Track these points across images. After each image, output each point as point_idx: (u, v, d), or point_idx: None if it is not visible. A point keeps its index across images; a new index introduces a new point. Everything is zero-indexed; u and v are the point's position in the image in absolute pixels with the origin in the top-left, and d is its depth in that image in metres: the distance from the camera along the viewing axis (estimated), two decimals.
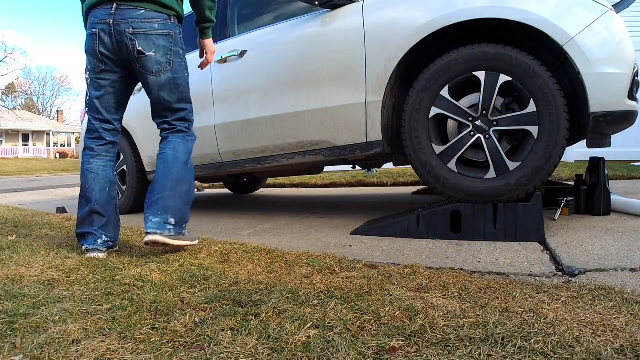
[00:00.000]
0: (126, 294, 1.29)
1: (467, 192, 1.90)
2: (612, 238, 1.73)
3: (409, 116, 1.99)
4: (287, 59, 2.39)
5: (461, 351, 0.85)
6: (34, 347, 0.94)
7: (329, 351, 0.88)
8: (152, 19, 1.74)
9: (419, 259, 1.61)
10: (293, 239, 2.15)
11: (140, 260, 1.73)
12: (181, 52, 1.85)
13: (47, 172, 19.25)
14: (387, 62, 2.03)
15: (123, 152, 3.43)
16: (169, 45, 1.78)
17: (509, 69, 1.81)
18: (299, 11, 2.44)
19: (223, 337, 0.96)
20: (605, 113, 1.75)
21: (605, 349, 0.83)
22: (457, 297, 1.16)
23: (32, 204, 4.87)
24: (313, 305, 1.14)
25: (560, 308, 1.04)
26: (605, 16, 1.77)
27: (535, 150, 1.81)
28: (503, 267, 1.46)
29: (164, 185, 1.76)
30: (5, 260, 1.74)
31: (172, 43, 1.79)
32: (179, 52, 1.83)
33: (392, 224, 2.06)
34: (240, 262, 1.67)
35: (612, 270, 1.35)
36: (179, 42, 1.83)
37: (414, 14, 1.97)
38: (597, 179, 2.26)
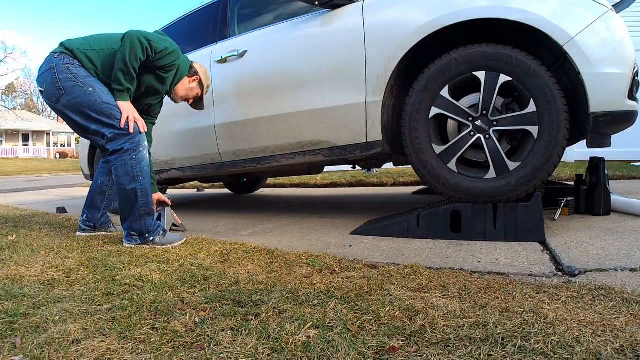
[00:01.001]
0: (126, 294, 1.29)
1: (467, 192, 1.90)
2: (612, 238, 1.73)
3: (409, 116, 1.99)
4: (287, 59, 2.39)
5: (461, 351, 0.85)
6: (34, 347, 0.94)
7: (329, 351, 0.88)
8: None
9: (419, 259, 1.61)
10: (293, 239, 2.15)
11: (140, 260, 1.74)
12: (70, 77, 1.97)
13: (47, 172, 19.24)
14: (387, 62, 2.03)
15: None
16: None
17: (509, 69, 1.81)
18: (299, 11, 2.44)
19: (223, 337, 0.96)
20: (605, 113, 1.75)
21: (605, 349, 0.83)
22: (457, 297, 1.16)
23: (32, 204, 4.87)
24: (313, 305, 1.14)
25: (560, 308, 1.04)
26: (605, 16, 1.77)
27: (535, 150, 1.81)
28: (503, 267, 1.46)
29: (120, 207, 2.04)
30: (5, 260, 1.74)
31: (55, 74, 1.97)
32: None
33: (392, 224, 2.06)
34: (240, 262, 1.67)
35: (612, 270, 1.35)
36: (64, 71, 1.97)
37: (414, 14, 1.97)
38: (597, 179, 2.26)
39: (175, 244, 2.02)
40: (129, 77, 1.97)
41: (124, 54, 1.92)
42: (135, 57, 1.93)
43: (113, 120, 1.95)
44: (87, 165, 3.88)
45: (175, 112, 2.96)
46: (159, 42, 2.01)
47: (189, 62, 2.30)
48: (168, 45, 2.05)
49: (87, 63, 2.01)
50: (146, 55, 1.97)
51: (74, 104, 1.96)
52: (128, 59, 1.92)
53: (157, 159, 3.13)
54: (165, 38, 2.11)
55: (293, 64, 2.36)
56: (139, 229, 2.01)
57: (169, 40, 2.12)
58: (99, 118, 1.95)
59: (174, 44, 2.11)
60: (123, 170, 1.97)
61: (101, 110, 1.95)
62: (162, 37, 2.10)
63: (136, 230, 2.01)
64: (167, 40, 2.10)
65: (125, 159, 1.97)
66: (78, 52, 2.01)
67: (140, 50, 1.93)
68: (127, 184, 1.98)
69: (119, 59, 1.93)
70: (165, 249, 1.94)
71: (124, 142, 1.96)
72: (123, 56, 1.92)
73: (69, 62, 1.98)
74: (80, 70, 1.99)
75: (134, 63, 1.94)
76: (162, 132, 3.04)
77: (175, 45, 2.12)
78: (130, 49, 1.91)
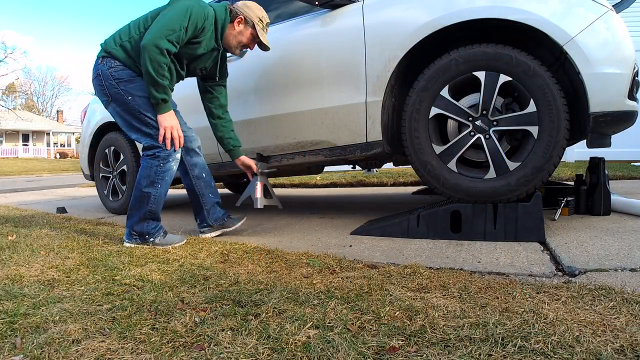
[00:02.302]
0: (126, 294, 1.29)
1: (467, 192, 1.90)
2: (612, 238, 1.73)
3: (409, 116, 1.99)
4: (287, 59, 2.39)
5: (461, 351, 0.85)
6: (34, 347, 0.94)
7: (329, 351, 0.88)
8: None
9: (419, 259, 1.61)
10: (293, 239, 2.15)
11: (140, 260, 1.74)
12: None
13: (47, 172, 19.25)
14: (387, 62, 2.03)
15: (123, 152, 3.43)
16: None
17: (509, 69, 1.81)
18: (299, 11, 2.44)
19: (223, 337, 0.96)
20: (605, 113, 1.75)
21: (605, 349, 0.83)
22: (457, 297, 1.16)
23: (32, 204, 4.87)
24: (313, 305, 1.14)
25: (560, 308, 1.04)
26: (605, 16, 1.77)
27: (535, 150, 1.81)
28: (503, 267, 1.46)
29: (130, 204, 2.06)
30: (5, 260, 1.74)
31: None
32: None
33: (392, 224, 2.06)
34: (240, 262, 1.67)
35: (612, 270, 1.35)
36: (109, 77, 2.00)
37: (414, 14, 1.97)
38: (597, 179, 2.26)
39: (176, 245, 2.02)
40: (160, 87, 1.90)
41: (146, 68, 1.85)
42: (159, 65, 1.86)
43: (150, 129, 1.98)
44: (87, 165, 3.88)
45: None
46: (175, 26, 1.86)
47: (224, 8, 2.07)
48: (184, 15, 1.88)
49: (126, 59, 1.99)
50: (171, 53, 1.89)
51: (118, 111, 2.03)
52: (153, 73, 1.85)
53: None
54: (177, 5, 1.92)
55: (293, 64, 2.36)
56: (140, 230, 2.02)
57: (183, 2, 1.91)
58: (139, 127, 2.00)
59: (189, 5, 1.90)
60: (146, 172, 1.99)
61: (140, 120, 1.99)
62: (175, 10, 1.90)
63: (137, 230, 2.02)
64: (180, 5, 1.90)
65: (152, 164, 1.99)
66: (115, 50, 2.00)
67: (161, 55, 1.85)
68: (144, 186, 2.00)
69: (144, 73, 1.87)
70: (165, 249, 1.94)
71: (158, 150, 1.99)
72: (146, 70, 1.85)
73: (111, 66, 1.99)
74: (122, 73, 1.99)
75: (161, 71, 1.87)
76: None
77: (191, 4, 1.91)
78: (150, 62, 1.84)
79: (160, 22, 1.88)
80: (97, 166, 3.73)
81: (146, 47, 1.84)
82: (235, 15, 2.08)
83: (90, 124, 3.80)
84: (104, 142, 3.62)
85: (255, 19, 2.09)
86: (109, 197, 3.64)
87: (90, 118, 3.84)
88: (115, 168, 3.53)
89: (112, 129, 3.58)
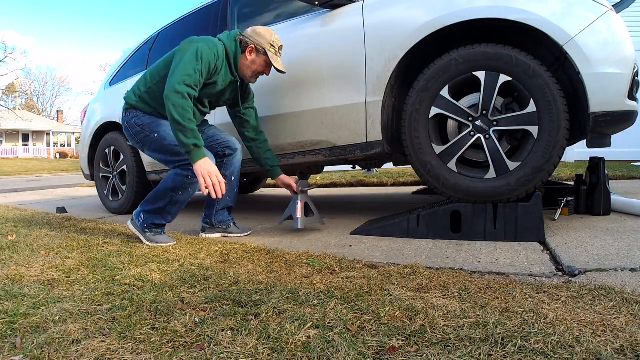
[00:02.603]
0: (126, 294, 1.29)
1: (467, 192, 1.90)
2: (612, 238, 1.73)
3: (409, 116, 1.99)
4: (287, 59, 2.38)
5: (461, 351, 0.85)
6: (34, 347, 0.94)
7: (329, 351, 0.88)
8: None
9: (419, 259, 1.61)
10: (293, 239, 2.15)
11: (140, 260, 1.74)
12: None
13: (47, 172, 19.24)
14: (387, 62, 2.03)
15: (123, 152, 3.43)
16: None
17: (509, 69, 1.81)
18: (299, 11, 2.44)
19: (223, 337, 0.96)
20: (605, 113, 1.75)
21: (605, 349, 0.83)
22: (457, 297, 1.16)
23: (32, 204, 4.87)
24: (313, 305, 1.14)
25: (560, 308, 1.04)
26: (605, 16, 1.77)
27: (535, 150, 1.81)
28: (503, 267, 1.46)
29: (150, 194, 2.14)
30: (5, 260, 1.74)
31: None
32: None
33: (392, 224, 2.06)
34: (240, 262, 1.67)
35: (612, 270, 1.35)
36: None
37: (414, 14, 1.97)
38: (597, 179, 2.26)
39: (162, 245, 2.04)
40: (189, 132, 1.85)
41: (172, 116, 1.84)
42: (184, 109, 1.85)
43: (178, 156, 2.04)
44: (87, 165, 3.88)
45: None
46: (190, 71, 1.87)
47: (233, 40, 2.06)
48: (196, 60, 1.89)
49: (146, 108, 2.12)
50: (193, 97, 1.90)
51: (152, 152, 2.16)
52: (179, 118, 1.83)
53: None
54: (187, 50, 1.91)
55: (293, 64, 2.36)
56: (147, 219, 2.09)
57: (192, 46, 1.92)
58: (172, 159, 2.07)
59: (198, 48, 1.90)
60: (173, 179, 2.07)
61: (170, 152, 2.06)
62: (186, 55, 1.90)
63: (144, 217, 2.09)
64: (190, 50, 1.90)
65: (183, 174, 2.04)
66: (135, 102, 2.13)
67: (183, 100, 1.86)
68: (168, 188, 2.07)
69: (171, 122, 1.86)
70: (166, 249, 1.94)
71: (188, 173, 2.02)
72: (172, 118, 1.84)
73: (134, 116, 2.13)
74: (145, 119, 2.11)
75: (187, 115, 1.85)
76: None
77: (200, 47, 1.91)
78: (174, 108, 1.84)
79: (175, 71, 1.90)
80: (97, 166, 3.73)
81: (168, 96, 1.86)
82: (246, 45, 2.07)
83: (90, 124, 3.80)
84: (104, 142, 3.62)
85: (266, 45, 2.05)
86: (109, 197, 3.64)
87: (90, 118, 3.84)
88: (115, 168, 3.53)
89: (112, 129, 3.58)
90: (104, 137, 3.63)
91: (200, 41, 1.96)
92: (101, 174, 3.71)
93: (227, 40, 2.05)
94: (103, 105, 3.75)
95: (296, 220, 2.22)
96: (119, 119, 3.42)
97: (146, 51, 3.53)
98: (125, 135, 2.23)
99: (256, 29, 2.09)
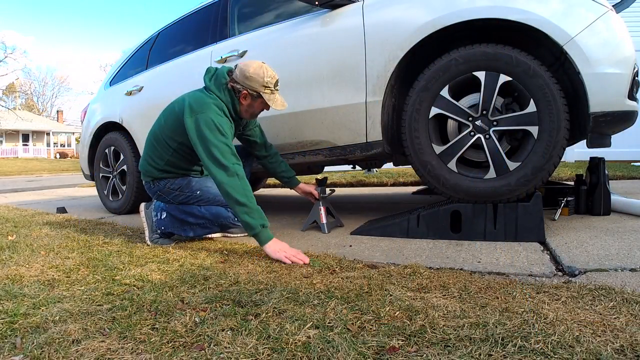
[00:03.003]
0: (126, 294, 1.29)
1: (467, 192, 1.90)
2: (612, 238, 1.73)
3: (409, 116, 1.99)
4: (287, 59, 2.39)
5: (461, 351, 0.85)
6: (34, 347, 0.94)
7: (329, 351, 0.88)
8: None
9: (419, 259, 1.61)
10: (293, 239, 2.15)
11: (140, 260, 1.74)
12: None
13: (47, 172, 19.24)
14: (387, 62, 2.03)
15: (123, 152, 3.43)
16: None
17: (509, 68, 1.81)
18: (299, 11, 2.44)
19: (223, 337, 0.96)
20: (605, 113, 1.75)
21: (605, 349, 0.83)
22: (457, 297, 1.16)
23: (32, 204, 4.87)
24: (313, 305, 1.14)
25: (560, 308, 1.04)
26: (605, 16, 1.77)
27: (535, 150, 1.81)
28: (503, 267, 1.46)
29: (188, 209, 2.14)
30: (5, 260, 1.74)
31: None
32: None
33: (392, 224, 2.06)
34: (240, 262, 1.67)
35: (612, 270, 1.35)
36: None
37: (414, 14, 1.97)
38: (597, 179, 2.26)
39: (163, 245, 2.04)
40: (255, 212, 1.74)
41: (234, 199, 1.74)
42: (243, 189, 1.76)
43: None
44: (87, 165, 3.88)
45: None
46: (226, 147, 1.81)
47: (225, 89, 1.94)
48: (222, 133, 1.83)
49: (174, 174, 2.11)
50: (234, 162, 1.80)
51: (198, 206, 2.14)
52: (244, 200, 1.73)
53: None
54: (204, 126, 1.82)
55: (293, 64, 2.36)
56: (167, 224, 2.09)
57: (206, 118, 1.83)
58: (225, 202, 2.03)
59: (212, 119, 1.82)
60: (217, 216, 2.12)
61: (219, 201, 2.11)
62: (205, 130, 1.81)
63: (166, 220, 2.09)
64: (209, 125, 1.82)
65: (229, 219, 2.13)
66: (159, 174, 2.11)
67: (239, 181, 1.77)
68: (209, 218, 2.11)
69: (232, 205, 1.76)
70: (165, 249, 1.94)
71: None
72: (235, 201, 1.74)
73: (167, 182, 2.12)
74: (178, 181, 2.11)
75: (249, 194, 1.77)
76: None
77: (211, 117, 1.83)
78: (234, 192, 1.75)
79: (211, 156, 1.79)
80: (97, 166, 3.73)
81: (222, 182, 1.76)
82: (239, 92, 1.93)
83: (90, 124, 3.80)
84: (104, 142, 3.62)
85: (260, 88, 1.91)
86: (109, 197, 3.64)
87: (90, 118, 3.84)
88: (115, 168, 3.53)
89: (112, 129, 3.58)
90: (104, 137, 3.63)
91: (205, 110, 1.84)
92: (101, 174, 3.71)
93: (220, 93, 1.94)
94: (103, 105, 3.75)
95: (322, 225, 2.27)
96: (118, 119, 3.43)
97: (146, 51, 3.53)
98: (158, 200, 2.18)
99: (245, 71, 1.89)
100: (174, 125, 2.00)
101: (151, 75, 3.29)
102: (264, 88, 1.92)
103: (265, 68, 1.92)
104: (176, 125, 1.98)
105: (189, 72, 2.89)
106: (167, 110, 2.09)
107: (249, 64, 1.92)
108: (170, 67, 3.11)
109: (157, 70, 3.24)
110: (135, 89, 3.33)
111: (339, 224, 2.42)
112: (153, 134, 2.12)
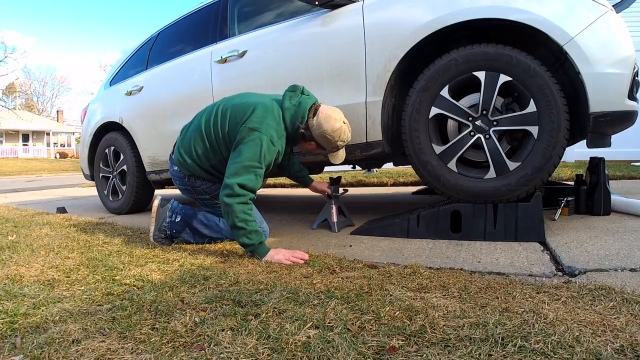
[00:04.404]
0: (126, 294, 1.29)
1: (467, 192, 1.90)
2: (612, 238, 1.73)
3: (409, 116, 1.99)
4: (287, 58, 2.39)
5: (461, 351, 0.85)
6: (34, 347, 0.94)
7: (329, 351, 0.88)
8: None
9: (419, 259, 1.61)
10: (293, 239, 2.15)
11: (140, 260, 1.74)
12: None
13: (47, 172, 19.24)
14: (387, 61, 2.03)
15: (123, 152, 3.43)
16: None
17: (509, 68, 1.81)
18: (299, 11, 2.44)
19: (223, 337, 0.96)
20: (605, 113, 1.75)
21: (605, 349, 0.83)
22: (457, 297, 1.16)
23: (32, 204, 4.87)
24: (313, 305, 1.14)
25: (560, 308, 1.04)
26: (606, 16, 1.77)
27: (535, 150, 1.81)
28: (503, 267, 1.46)
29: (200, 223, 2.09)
30: (5, 260, 1.74)
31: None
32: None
33: (392, 224, 2.06)
34: (240, 262, 1.67)
35: (612, 270, 1.35)
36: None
37: (414, 13, 1.97)
38: (597, 179, 2.26)
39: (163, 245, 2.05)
40: (252, 233, 1.72)
41: (232, 223, 1.72)
42: (244, 212, 1.73)
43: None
44: (87, 165, 3.88)
45: (175, 112, 2.96)
46: (253, 175, 1.75)
47: (297, 131, 1.87)
48: (260, 159, 1.75)
49: (212, 178, 2.00)
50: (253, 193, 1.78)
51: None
52: (240, 223, 1.71)
53: (158, 159, 3.14)
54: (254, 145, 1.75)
55: (293, 64, 2.36)
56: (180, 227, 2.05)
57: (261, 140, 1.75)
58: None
59: (264, 145, 1.74)
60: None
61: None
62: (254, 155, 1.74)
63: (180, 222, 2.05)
64: (257, 148, 1.74)
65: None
66: (200, 173, 1.99)
67: (243, 206, 1.74)
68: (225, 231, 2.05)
69: (231, 226, 1.74)
70: (165, 249, 1.94)
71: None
72: (232, 225, 1.72)
73: (202, 183, 2.01)
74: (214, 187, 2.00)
75: (248, 218, 1.73)
76: (163, 133, 3.05)
77: (266, 142, 1.75)
78: (232, 216, 1.72)
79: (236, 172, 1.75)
80: (97, 166, 3.73)
81: (226, 202, 1.73)
82: (310, 138, 1.89)
83: (90, 124, 3.80)
84: (104, 142, 3.62)
85: (330, 148, 1.92)
86: (109, 197, 3.64)
87: (90, 118, 3.84)
88: (115, 168, 3.53)
89: (112, 129, 3.58)
90: (104, 137, 3.64)
91: (264, 131, 1.77)
92: (101, 174, 3.71)
93: (289, 126, 1.87)
94: (103, 105, 3.75)
95: (332, 224, 2.28)
96: (118, 119, 3.43)
97: (146, 51, 3.53)
98: (184, 192, 2.11)
99: (326, 129, 1.83)
100: (234, 131, 1.84)
101: (151, 75, 3.29)
102: (335, 149, 1.94)
103: (343, 131, 1.87)
104: (235, 134, 1.84)
105: (189, 72, 2.90)
106: (228, 110, 1.90)
107: (331, 120, 1.83)
108: (170, 67, 3.11)
109: (157, 70, 3.24)
110: (135, 89, 3.33)
111: (350, 222, 2.40)
112: (204, 130, 1.93)
